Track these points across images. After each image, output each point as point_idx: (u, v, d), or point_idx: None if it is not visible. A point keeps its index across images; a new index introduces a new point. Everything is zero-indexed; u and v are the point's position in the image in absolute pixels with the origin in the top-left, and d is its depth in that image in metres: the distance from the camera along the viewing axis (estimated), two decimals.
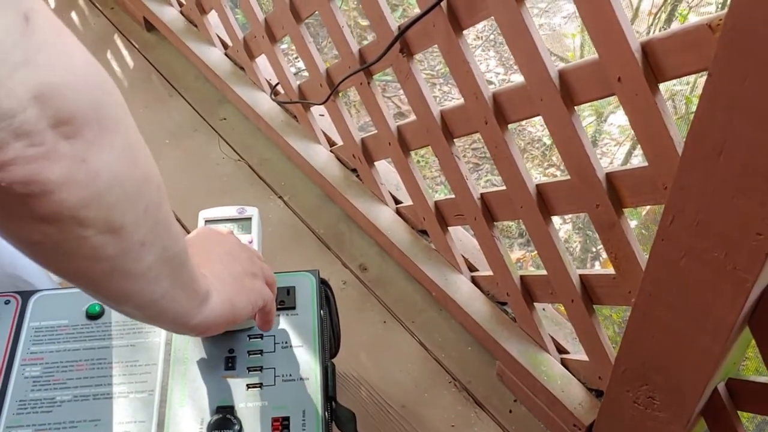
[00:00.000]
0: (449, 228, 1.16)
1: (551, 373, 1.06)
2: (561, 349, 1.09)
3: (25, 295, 0.87)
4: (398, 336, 1.21)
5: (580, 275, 0.94)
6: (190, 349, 0.82)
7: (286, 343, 0.83)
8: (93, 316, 0.84)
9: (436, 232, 1.18)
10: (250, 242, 0.85)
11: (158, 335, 0.83)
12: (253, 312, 0.73)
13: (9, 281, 0.87)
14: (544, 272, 0.99)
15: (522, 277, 1.05)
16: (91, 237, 0.46)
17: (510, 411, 1.12)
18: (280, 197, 1.41)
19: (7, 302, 0.86)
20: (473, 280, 1.17)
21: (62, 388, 0.79)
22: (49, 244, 0.46)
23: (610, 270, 0.89)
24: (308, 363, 0.81)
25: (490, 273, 1.11)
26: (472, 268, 1.18)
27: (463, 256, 1.17)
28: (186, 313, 0.62)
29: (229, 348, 0.82)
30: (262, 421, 0.77)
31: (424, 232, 1.23)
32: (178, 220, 1.24)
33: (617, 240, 0.84)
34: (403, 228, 1.24)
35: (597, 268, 0.82)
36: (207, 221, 0.88)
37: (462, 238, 1.19)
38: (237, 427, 0.76)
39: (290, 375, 0.80)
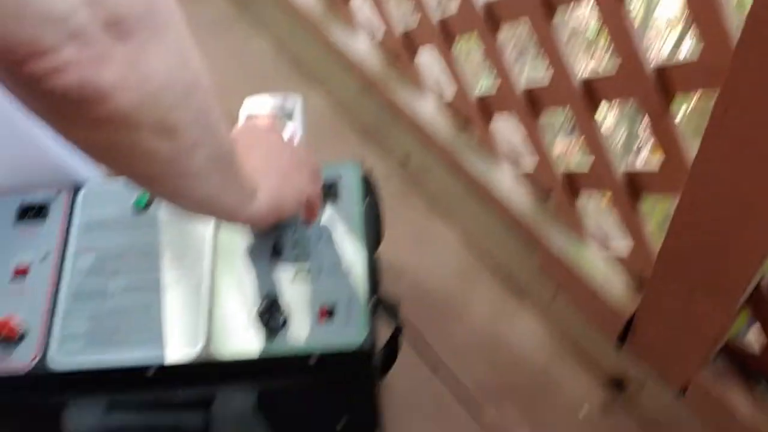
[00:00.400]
0: (492, 120, 1.14)
1: (593, 266, 1.06)
2: (603, 241, 1.09)
3: (74, 188, 0.88)
4: (439, 227, 1.22)
5: (625, 167, 0.93)
6: (237, 239, 0.83)
7: (331, 233, 0.83)
8: (141, 208, 0.85)
9: (478, 125, 1.16)
10: (294, 132, 0.85)
11: (205, 227, 0.84)
12: (298, 206, 0.74)
13: (58, 174, 0.89)
14: (587, 164, 0.97)
15: (565, 170, 1.04)
16: (145, 139, 0.47)
17: (552, 299, 1.13)
18: (320, 89, 1.40)
19: (57, 194, 0.87)
20: (515, 173, 1.16)
21: (114, 278, 0.81)
22: (104, 146, 0.47)
23: (656, 159, 0.87)
24: (353, 253, 0.82)
25: (533, 166, 1.10)
26: (514, 161, 1.17)
27: (505, 150, 1.16)
28: (235, 208, 0.63)
29: (275, 239, 0.83)
30: (308, 310, 0.79)
31: (466, 125, 1.21)
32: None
33: (665, 129, 0.82)
34: (445, 121, 1.23)
35: (642, 157, 0.81)
36: (251, 111, 0.88)
37: (504, 131, 1.17)
38: (283, 315, 0.78)
39: (335, 265, 0.81)
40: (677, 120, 0.81)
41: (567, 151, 1.94)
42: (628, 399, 1.04)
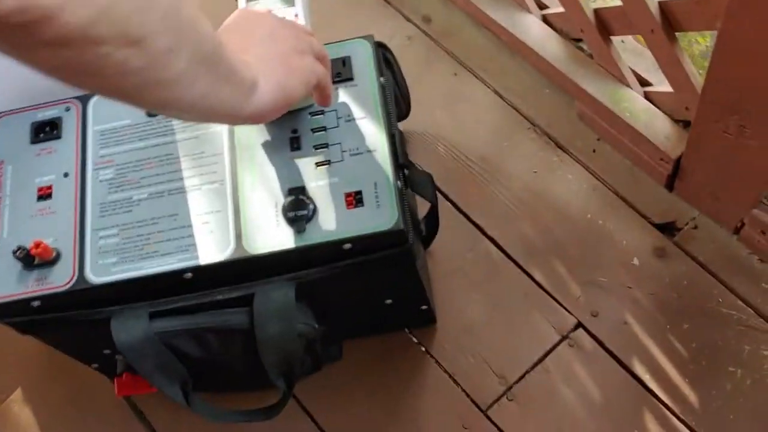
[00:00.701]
0: None
1: (634, 109, 1.00)
2: (643, 82, 1.02)
3: (84, 99, 0.86)
4: (471, 86, 1.17)
5: (659, 1, 0.85)
6: (254, 134, 0.81)
7: (349, 116, 0.80)
8: (152, 113, 0.83)
9: None
10: (296, 16, 0.80)
11: (220, 125, 0.82)
12: (307, 91, 0.70)
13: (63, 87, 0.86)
14: (619, 2, 0.90)
15: (596, 11, 0.97)
16: (111, 53, 0.44)
17: (594, 150, 1.09)
18: None
19: (67, 109, 0.85)
20: (544, 19, 1.09)
21: (137, 187, 0.80)
22: (72, 67, 0.45)
23: None
24: (374, 134, 0.79)
25: (561, 9, 1.02)
26: (541, 5, 1.10)
27: None
28: (235, 106, 0.60)
29: (292, 128, 0.81)
30: (334, 198, 0.77)
31: None
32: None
33: None
34: None
35: None
36: (248, 1, 0.82)
37: None
38: (311, 206, 0.76)
39: (357, 148, 0.78)
40: None
41: None
42: (682, 242, 1.01)
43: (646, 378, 0.95)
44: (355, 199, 0.76)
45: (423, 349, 1.01)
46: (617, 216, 1.04)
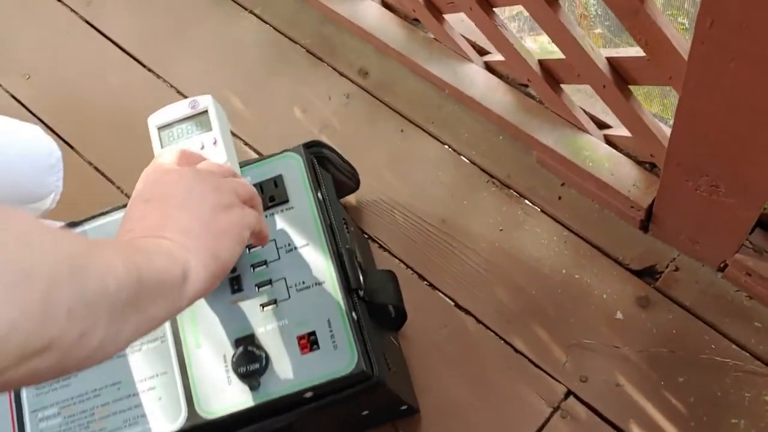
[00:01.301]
0: (444, 15, 0.99)
1: (596, 157, 0.95)
2: (601, 124, 0.97)
3: None
4: (420, 142, 1.10)
5: (608, 58, 0.79)
6: None
7: (289, 245, 0.74)
8: None
9: (429, 22, 1.01)
10: (215, 142, 0.73)
11: None
12: (242, 247, 0.63)
13: None
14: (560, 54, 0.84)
15: (541, 62, 0.90)
16: (21, 369, 0.40)
17: (559, 198, 1.03)
18: (250, 11, 1.24)
19: None
20: (487, 67, 1.02)
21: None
22: None
23: (642, 52, 0.74)
24: (319, 262, 0.73)
25: (502, 57, 0.96)
26: (482, 51, 1.03)
27: (468, 41, 1.02)
28: (171, 309, 0.54)
29: (230, 273, 0.74)
30: (286, 343, 0.71)
31: (417, 21, 1.06)
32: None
33: (645, 26, 0.68)
34: (394, 22, 1.08)
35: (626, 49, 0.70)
36: (159, 128, 0.75)
37: (464, 19, 1.02)
38: (263, 357, 0.70)
39: (303, 282, 0.72)
40: (658, 12, 0.67)
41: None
42: (665, 287, 0.96)
43: None
44: (309, 342, 0.70)
45: None
46: (593, 267, 0.99)
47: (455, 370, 0.98)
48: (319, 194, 0.76)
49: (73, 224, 0.80)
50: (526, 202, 1.04)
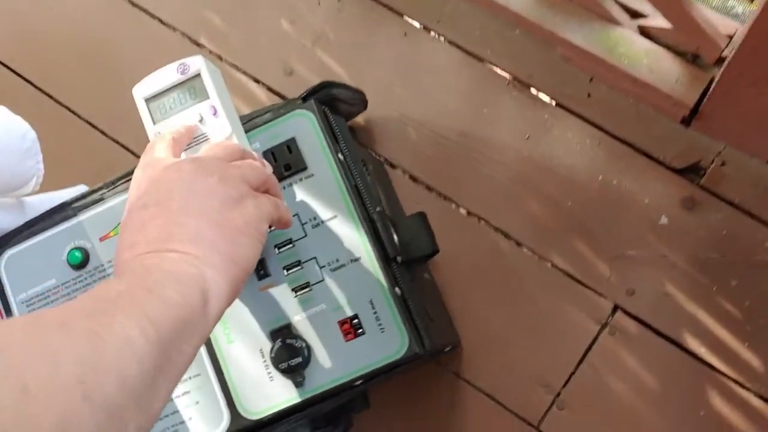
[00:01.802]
0: None
1: (632, 53, 0.85)
2: (635, 13, 0.86)
3: None
4: (427, 45, 1.00)
5: None
6: None
7: (314, 218, 0.66)
8: (78, 264, 0.69)
9: None
10: (215, 112, 0.64)
11: None
12: (263, 242, 0.56)
13: None
14: None
15: None
16: None
17: (588, 95, 0.94)
18: None
19: None
20: None
21: None
22: None
23: None
24: (351, 234, 0.65)
25: None
26: None
27: None
28: (198, 339, 0.48)
29: None
30: (327, 330, 0.65)
31: None
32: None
33: None
34: None
35: None
36: (147, 100, 0.66)
37: None
38: (304, 349, 0.64)
39: (337, 260, 0.65)
40: None
41: None
42: (712, 184, 0.90)
43: (702, 351, 0.88)
44: (352, 327, 0.64)
45: (454, 375, 0.92)
46: (632, 170, 0.92)
47: (493, 295, 0.93)
48: (339, 155, 0.67)
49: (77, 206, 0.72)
50: (552, 103, 0.95)
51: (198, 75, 0.65)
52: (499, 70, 0.97)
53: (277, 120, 0.68)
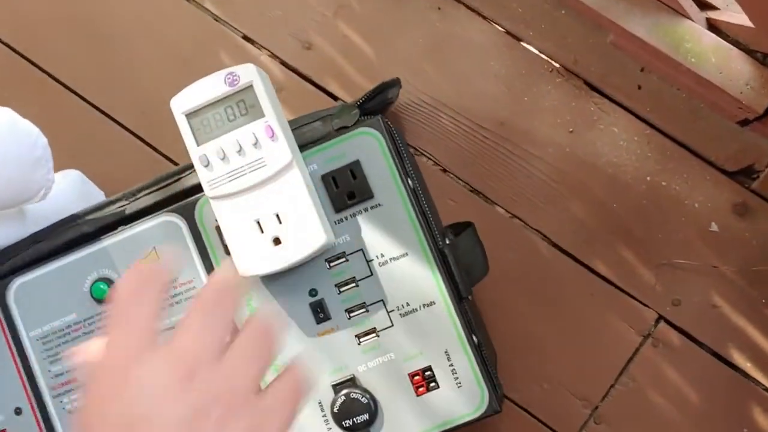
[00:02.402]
0: None
1: (700, 49, 0.78)
2: (706, 4, 0.79)
3: None
4: (462, 22, 0.91)
5: None
6: (255, 305, 0.59)
7: (382, 255, 0.59)
8: (104, 299, 0.60)
9: None
10: (272, 134, 0.55)
11: None
12: None
13: None
14: None
15: None
16: None
17: (639, 87, 0.88)
18: None
19: None
20: None
21: None
22: None
23: None
24: (424, 275, 0.59)
25: None
26: None
27: None
28: None
29: (309, 289, 0.59)
30: (397, 384, 0.58)
31: None
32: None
33: None
34: None
35: None
36: (188, 115, 0.56)
37: None
38: (370, 404, 0.58)
39: (407, 303, 0.59)
40: None
41: None
42: (764, 189, 0.85)
43: (747, 366, 0.85)
44: (425, 380, 0.58)
45: None
46: (682, 171, 0.86)
47: (530, 301, 0.87)
48: (409, 181, 0.59)
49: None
50: (599, 94, 0.88)
51: (250, 87, 0.56)
52: (541, 54, 0.89)
53: (338, 139, 0.59)
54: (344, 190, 0.59)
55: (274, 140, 0.56)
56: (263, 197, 0.55)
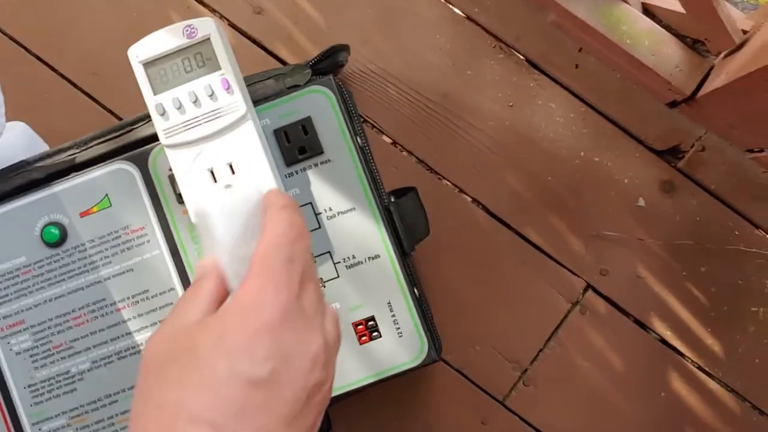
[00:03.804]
0: None
1: (635, 32, 0.83)
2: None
3: None
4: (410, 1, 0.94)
5: None
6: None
7: (330, 209, 0.62)
8: (54, 242, 0.62)
9: None
10: (227, 86, 0.57)
11: (154, 245, 0.62)
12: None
13: None
14: None
15: None
16: None
17: (576, 66, 0.92)
18: None
19: None
20: None
21: (72, 354, 0.62)
22: None
23: None
24: (370, 230, 0.62)
25: None
26: None
27: None
28: None
29: None
30: (342, 332, 0.61)
31: None
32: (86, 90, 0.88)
33: None
34: None
35: None
36: (145, 64, 0.58)
37: None
38: None
39: (353, 256, 0.62)
40: None
41: None
42: (689, 169, 0.91)
43: (668, 335, 0.90)
44: (368, 330, 0.62)
45: None
46: (614, 148, 0.92)
47: (466, 267, 0.91)
48: (358, 139, 0.62)
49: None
50: (539, 71, 0.93)
51: (207, 40, 0.58)
52: (485, 30, 0.93)
53: (289, 96, 0.62)
54: (295, 145, 0.62)
55: (229, 93, 0.58)
56: (217, 147, 0.57)
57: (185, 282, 0.62)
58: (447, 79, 0.93)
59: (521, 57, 0.93)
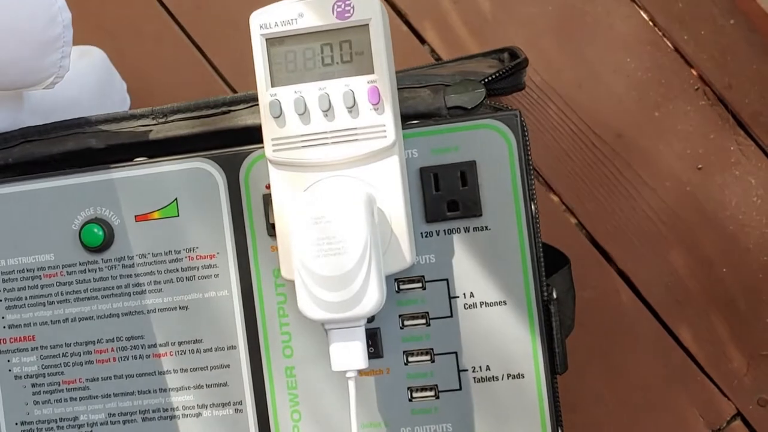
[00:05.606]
0: None
1: None
2: None
3: None
4: (606, 3, 0.76)
5: None
6: (294, 314, 0.46)
7: (471, 295, 0.45)
8: (94, 247, 0.46)
9: None
10: (377, 99, 0.40)
11: (223, 282, 0.46)
12: None
13: None
14: None
15: None
16: None
17: None
18: None
19: None
20: None
21: (85, 397, 0.47)
22: None
23: None
24: (520, 336, 0.45)
25: None
26: None
27: None
28: None
29: None
30: None
31: None
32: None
33: None
34: None
35: None
36: (269, 39, 0.42)
37: None
38: None
39: (488, 368, 0.46)
40: None
41: None
42: None
43: None
44: None
45: None
46: None
47: (592, 352, 0.75)
48: (532, 206, 0.45)
49: None
50: (745, 132, 0.74)
51: (365, 26, 0.41)
52: (690, 66, 0.75)
53: (453, 125, 0.45)
54: (446, 196, 0.44)
55: (377, 109, 0.41)
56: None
57: (252, 341, 0.46)
58: (627, 115, 0.76)
59: (727, 111, 0.74)
